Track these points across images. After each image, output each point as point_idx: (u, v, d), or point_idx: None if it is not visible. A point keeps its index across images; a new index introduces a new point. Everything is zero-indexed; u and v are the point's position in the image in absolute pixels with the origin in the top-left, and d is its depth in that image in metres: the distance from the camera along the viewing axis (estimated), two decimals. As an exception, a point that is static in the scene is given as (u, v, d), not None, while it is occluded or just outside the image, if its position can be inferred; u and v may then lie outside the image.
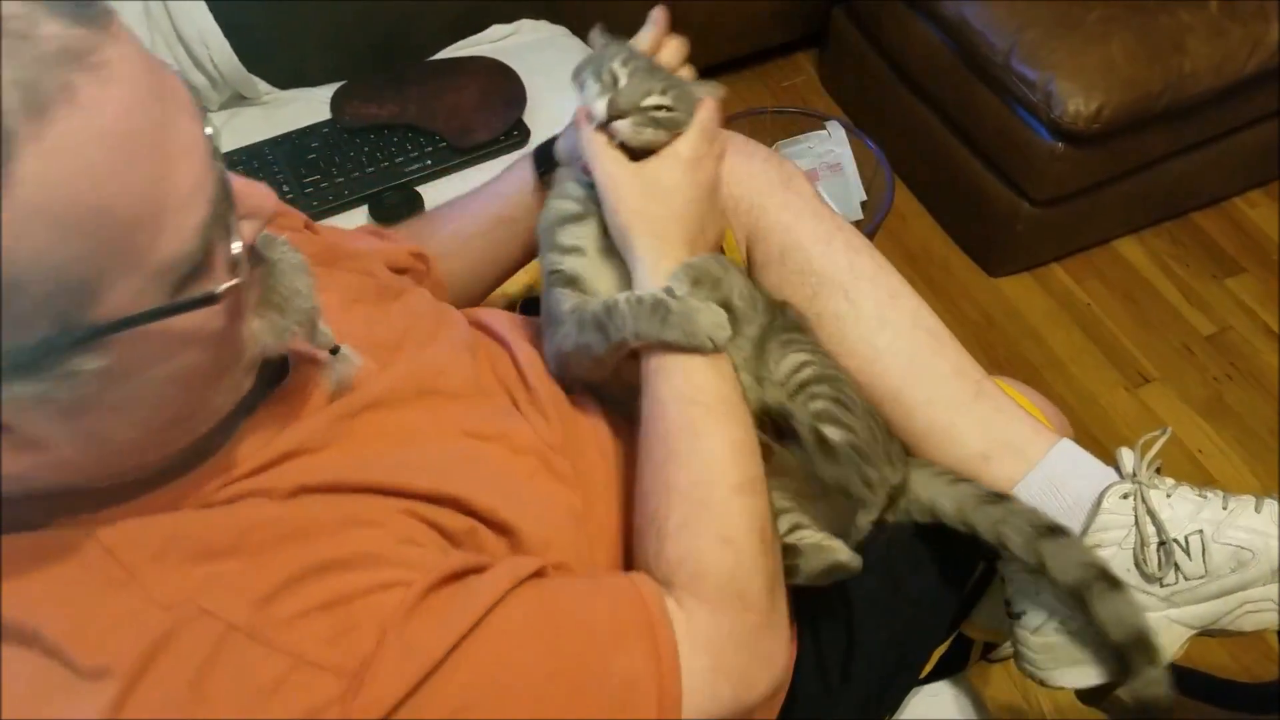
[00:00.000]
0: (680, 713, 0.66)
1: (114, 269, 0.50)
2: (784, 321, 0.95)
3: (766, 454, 0.81)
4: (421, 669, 0.59)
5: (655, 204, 0.84)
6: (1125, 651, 0.85)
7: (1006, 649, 1.57)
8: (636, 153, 0.86)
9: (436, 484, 0.69)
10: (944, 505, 0.92)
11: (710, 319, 0.79)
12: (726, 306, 0.81)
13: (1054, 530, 0.87)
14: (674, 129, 0.87)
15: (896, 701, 1.00)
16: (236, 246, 0.57)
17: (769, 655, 0.72)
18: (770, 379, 0.91)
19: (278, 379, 0.72)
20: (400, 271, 0.99)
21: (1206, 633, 0.89)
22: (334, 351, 0.73)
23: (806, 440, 0.85)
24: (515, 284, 1.17)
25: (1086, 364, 2.10)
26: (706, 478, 0.75)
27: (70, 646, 0.55)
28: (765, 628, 0.72)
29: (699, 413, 0.77)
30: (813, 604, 0.94)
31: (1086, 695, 0.92)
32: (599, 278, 0.88)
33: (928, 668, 1.04)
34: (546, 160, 0.99)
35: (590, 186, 0.88)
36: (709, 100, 0.90)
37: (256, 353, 0.64)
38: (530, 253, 1.04)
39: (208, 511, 0.62)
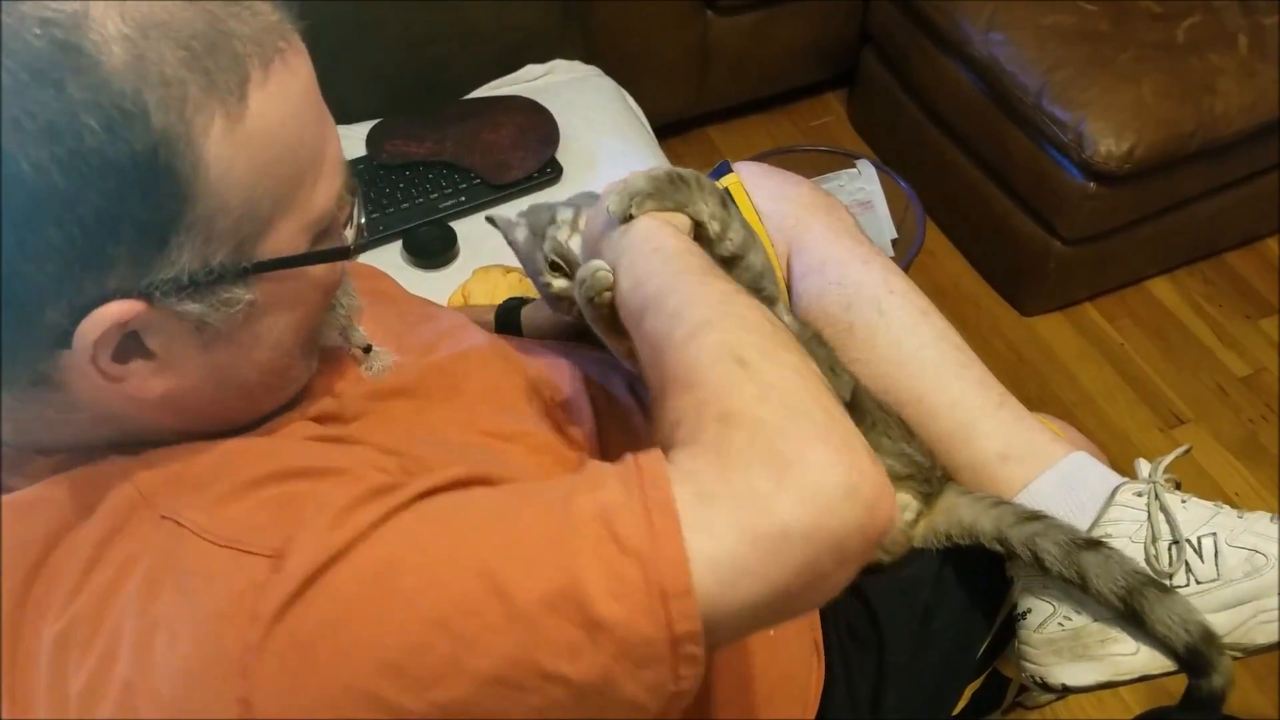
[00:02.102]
0: (678, 529, 0.53)
1: (282, 211, 0.58)
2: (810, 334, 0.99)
3: None
4: (346, 539, 0.53)
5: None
6: (1197, 650, 0.83)
7: (1043, 697, 1.55)
8: None
9: (446, 465, 0.65)
10: (984, 525, 0.92)
11: (579, 288, 0.77)
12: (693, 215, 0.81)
13: (1093, 543, 0.87)
14: None
15: (929, 739, 1.00)
16: (360, 216, 0.66)
17: (782, 457, 0.55)
18: None
19: None
20: None
21: None
22: (367, 350, 0.77)
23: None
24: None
25: (1119, 403, 2.08)
26: (658, 350, 0.66)
27: (74, 581, 0.57)
28: (766, 437, 0.56)
29: (639, 328, 0.71)
30: (843, 632, 0.94)
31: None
32: None
33: (960, 704, 1.04)
34: (506, 329, 1.07)
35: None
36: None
37: (323, 336, 0.70)
38: None
39: (229, 445, 0.63)
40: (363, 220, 0.66)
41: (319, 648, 0.52)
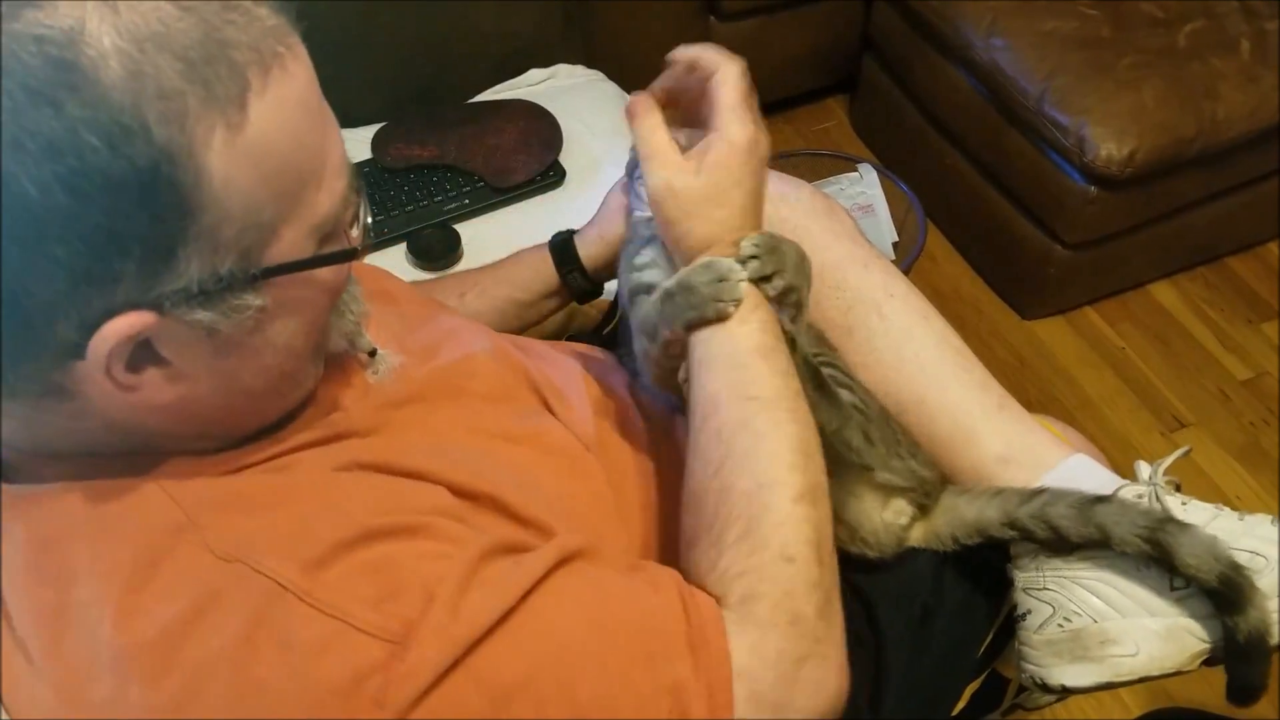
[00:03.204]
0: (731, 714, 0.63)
1: (287, 217, 0.58)
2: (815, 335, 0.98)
3: None
4: (468, 638, 0.58)
5: (718, 207, 0.78)
6: (1230, 579, 0.81)
7: (1042, 698, 1.56)
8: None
9: (471, 480, 0.70)
10: (990, 514, 0.92)
11: (704, 278, 0.75)
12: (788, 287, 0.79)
13: (1101, 499, 0.87)
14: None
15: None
16: (366, 216, 0.66)
17: (814, 684, 0.67)
18: None
19: None
20: None
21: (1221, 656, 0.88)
22: (372, 354, 0.77)
23: (802, 373, 0.82)
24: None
25: (1120, 408, 2.09)
26: (768, 482, 0.70)
27: (129, 595, 0.58)
28: (813, 655, 0.67)
29: (757, 409, 0.73)
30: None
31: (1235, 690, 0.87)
32: None
33: (960, 705, 1.04)
34: (563, 257, 1.07)
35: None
36: (729, 71, 0.82)
37: (331, 342, 0.70)
38: (526, 328, 1.13)
39: (264, 475, 0.66)
40: (368, 220, 0.66)
41: None
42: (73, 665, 0.59)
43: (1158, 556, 0.84)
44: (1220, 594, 0.82)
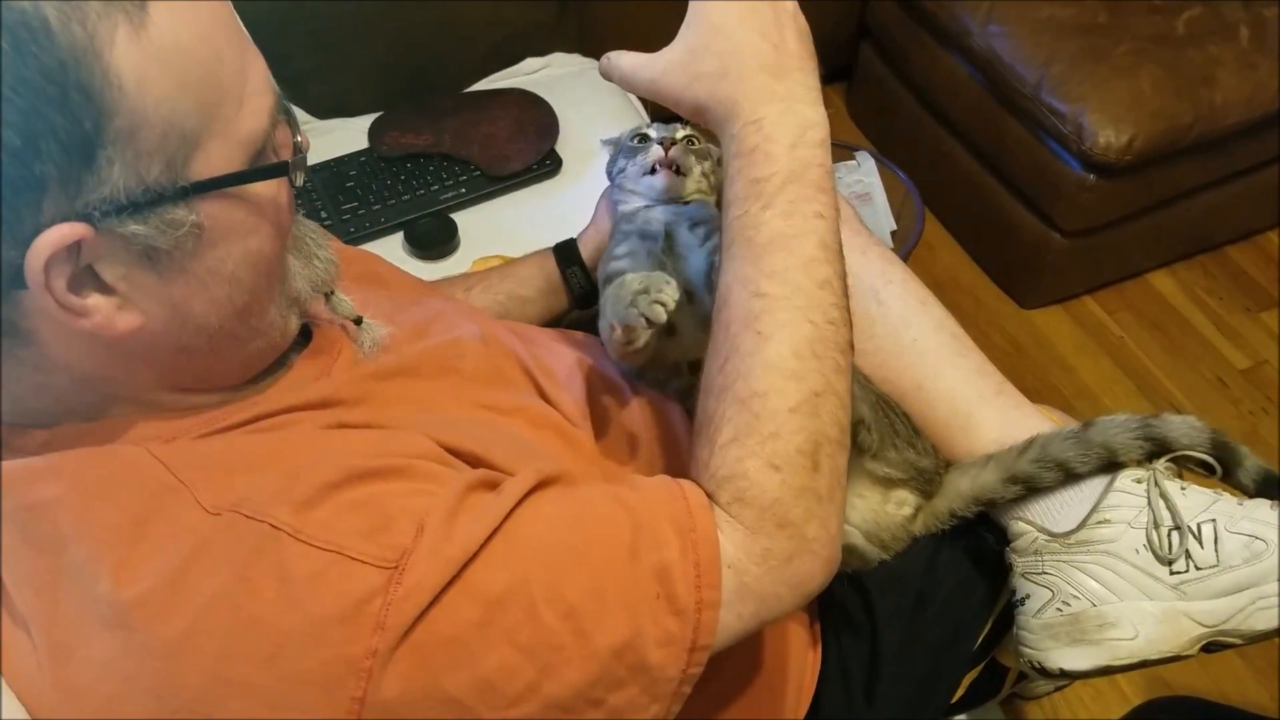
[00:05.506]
0: (719, 599, 0.64)
1: (210, 130, 0.58)
2: None
3: None
4: (460, 557, 0.59)
5: (706, 63, 0.78)
6: (1223, 443, 0.90)
7: (1041, 687, 1.56)
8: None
9: (459, 440, 0.71)
10: (987, 479, 0.93)
11: (633, 290, 0.78)
12: None
13: (1089, 423, 0.92)
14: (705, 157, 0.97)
15: (926, 728, 1.00)
16: (297, 136, 0.66)
17: (801, 578, 0.68)
18: None
19: (305, 345, 0.76)
20: None
21: (1219, 642, 0.88)
22: (358, 323, 0.77)
23: None
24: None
25: (1119, 396, 2.08)
26: (763, 390, 0.69)
27: (123, 552, 0.58)
28: (801, 553, 0.68)
29: (764, 307, 0.70)
30: (837, 618, 0.94)
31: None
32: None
33: (959, 693, 1.04)
34: (566, 256, 1.08)
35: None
36: None
37: (295, 288, 0.70)
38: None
39: (250, 434, 0.67)
40: (299, 139, 0.66)
41: (437, 660, 0.58)
42: (72, 628, 0.59)
43: (1157, 449, 0.89)
44: (1219, 458, 0.89)
